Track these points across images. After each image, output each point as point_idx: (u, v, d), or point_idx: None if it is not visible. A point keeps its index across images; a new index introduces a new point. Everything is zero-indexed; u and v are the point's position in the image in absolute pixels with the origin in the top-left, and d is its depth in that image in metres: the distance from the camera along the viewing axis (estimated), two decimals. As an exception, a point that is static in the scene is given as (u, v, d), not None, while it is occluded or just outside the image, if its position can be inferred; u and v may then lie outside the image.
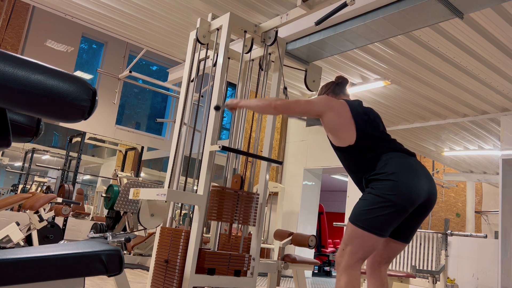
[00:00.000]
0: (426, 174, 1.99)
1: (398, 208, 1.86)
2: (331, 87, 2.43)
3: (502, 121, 5.12)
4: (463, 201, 9.07)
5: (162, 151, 9.61)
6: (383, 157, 2.00)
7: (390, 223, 1.88)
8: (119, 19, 4.22)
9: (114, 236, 2.35)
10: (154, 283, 2.77)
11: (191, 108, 3.20)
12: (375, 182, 1.95)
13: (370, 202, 1.92)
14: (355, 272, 1.90)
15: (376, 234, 1.88)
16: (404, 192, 1.87)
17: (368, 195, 1.95)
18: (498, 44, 3.70)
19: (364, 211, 1.91)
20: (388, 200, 1.86)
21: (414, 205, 1.91)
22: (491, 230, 8.98)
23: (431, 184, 1.98)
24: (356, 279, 1.89)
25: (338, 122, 2.11)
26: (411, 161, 2.00)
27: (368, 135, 2.08)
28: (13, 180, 8.22)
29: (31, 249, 1.30)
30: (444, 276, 4.43)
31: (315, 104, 2.15)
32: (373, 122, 2.16)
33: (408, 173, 1.91)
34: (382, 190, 1.90)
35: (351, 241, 1.93)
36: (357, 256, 1.91)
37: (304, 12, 3.10)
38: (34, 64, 0.84)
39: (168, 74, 6.45)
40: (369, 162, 2.02)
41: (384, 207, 1.87)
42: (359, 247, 1.91)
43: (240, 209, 2.72)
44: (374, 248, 1.93)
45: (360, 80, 4.91)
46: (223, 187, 2.68)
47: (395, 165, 1.94)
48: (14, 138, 1.13)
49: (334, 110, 2.12)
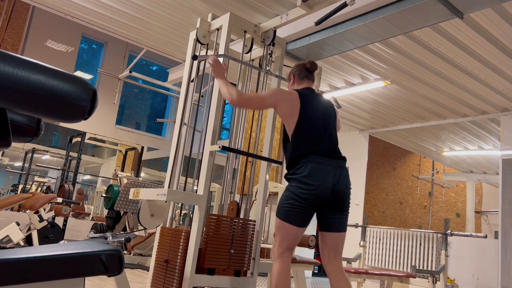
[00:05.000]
0: (334, 173, 2.24)
1: (308, 203, 2.20)
2: (299, 69, 2.56)
3: (502, 121, 5.12)
4: (463, 201, 9.07)
5: (162, 151, 9.61)
6: (302, 160, 2.26)
7: (303, 215, 2.21)
8: (119, 19, 4.22)
9: (114, 236, 2.35)
10: (154, 283, 2.77)
11: (191, 108, 3.20)
12: (291, 181, 2.27)
13: (286, 197, 2.25)
14: (285, 259, 2.23)
15: (293, 225, 2.22)
16: (312, 190, 2.19)
17: (286, 191, 2.28)
18: (498, 44, 3.70)
19: (282, 205, 2.26)
20: (300, 197, 2.20)
21: (322, 200, 2.22)
22: (491, 230, 8.98)
23: (337, 181, 2.24)
24: (286, 265, 2.22)
25: (288, 113, 2.34)
26: (324, 164, 2.25)
27: (302, 132, 2.32)
28: (13, 180, 8.22)
29: (31, 249, 1.30)
30: (444, 276, 4.43)
31: (266, 99, 2.36)
32: (317, 118, 2.36)
33: (317, 175, 2.21)
34: (295, 188, 2.22)
35: (278, 231, 2.27)
36: (285, 245, 2.24)
37: (304, 12, 3.10)
38: (34, 64, 0.84)
39: (168, 74, 6.46)
40: (292, 161, 2.31)
41: (297, 202, 2.20)
42: (284, 237, 2.25)
43: (237, 238, 2.72)
44: (296, 236, 2.25)
45: (360, 80, 4.91)
46: (219, 215, 2.67)
47: (308, 168, 2.22)
48: (14, 138, 1.13)
49: (285, 102, 2.35)
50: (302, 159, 2.27)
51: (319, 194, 2.20)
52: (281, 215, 2.26)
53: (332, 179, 2.23)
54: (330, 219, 2.30)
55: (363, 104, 5.63)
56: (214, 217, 2.65)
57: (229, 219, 2.71)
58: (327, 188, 2.21)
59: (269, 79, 3.27)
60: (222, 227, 2.67)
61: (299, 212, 2.21)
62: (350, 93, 5.18)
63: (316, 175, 2.21)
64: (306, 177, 2.21)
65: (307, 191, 2.19)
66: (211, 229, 2.63)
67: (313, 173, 2.21)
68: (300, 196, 2.20)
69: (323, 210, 2.31)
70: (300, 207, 2.21)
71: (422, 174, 9.31)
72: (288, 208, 2.23)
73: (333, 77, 4.91)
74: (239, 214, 2.83)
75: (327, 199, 2.23)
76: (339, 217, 2.31)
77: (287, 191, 2.27)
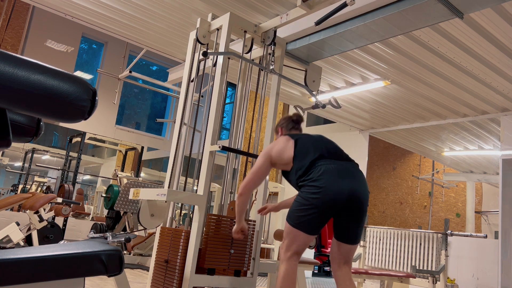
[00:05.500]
0: (349, 176, 2.19)
1: (319, 209, 2.12)
2: (286, 122, 2.67)
3: (502, 121, 5.12)
4: (463, 201, 9.07)
5: (162, 151, 9.61)
6: (312, 166, 2.24)
7: (313, 222, 2.15)
8: (119, 19, 4.22)
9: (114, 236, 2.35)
10: (154, 283, 2.77)
11: (191, 108, 3.20)
12: (302, 188, 2.23)
13: (298, 204, 2.20)
14: (292, 263, 2.20)
15: (303, 231, 2.17)
16: (321, 194, 2.12)
17: (297, 197, 2.24)
18: (498, 44, 3.70)
19: (293, 211, 2.20)
20: (311, 203, 2.13)
21: (336, 206, 2.13)
22: (491, 230, 8.97)
23: (354, 185, 2.16)
24: (292, 268, 2.19)
25: (283, 148, 2.39)
26: (335, 166, 2.21)
27: (302, 152, 2.33)
28: (13, 180, 8.22)
29: (31, 249, 1.30)
30: (444, 276, 4.43)
31: (260, 165, 2.42)
32: (313, 140, 2.40)
33: (327, 177, 2.15)
34: (305, 194, 2.17)
35: (286, 236, 2.23)
36: (292, 249, 2.20)
37: (304, 12, 3.10)
38: (34, 64, 0.84)
39: (168, 74, 6.45)
40: (303, 172, 2.27)
41: (308, 209, 2.14)
42: (292, 241, 2.20)
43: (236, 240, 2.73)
44: (305, 243, 2.20)
45: (360, 80, 4.91)
46: (219, 215, 2.67)
47: (319, 172, 2.18)
48: (14, 138, 1.13)
49: (276, 145, 2.42)
50: (313, 166, 2.23)
51: (330, 197, 2.11)
52: (291, 220, 2.21)
53: (348, 183, 2.15)
54: (346, 229, 2.23)
55: (363, 104, 5.63)
56: (214, 217, 2.65)
57: (229, 219, 2.71)
58: (340, 192, 2.12)
59: (269, 79, 3.27)
60: (222, 227, 2.67)
61: (309, 219, 2.14)
62: (350, 93, 5.18)
63: (325, 177, 2.14)
64: (315, 180, 2.16)
65: (316, 195, 2.12)
66: (211, 229, 2.63)
67: (323, 175, 2.15)
68: (309, 201, 2.13)
69: (339, 218, 2.23)
70: (310, 213, 2.13)
71: (422, 174, 9.31)
72: (298, 214, 2.17)
73: (333, 77, 4.91)
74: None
75: (342, 203, 2.14)
76: (355, 227, 2.23)
77: (298, 197, 2.22)
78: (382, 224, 9.24)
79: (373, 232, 5.44)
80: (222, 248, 2.65)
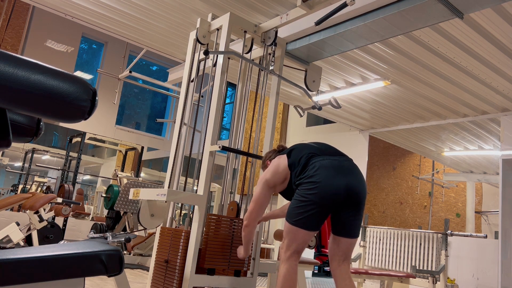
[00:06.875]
0: (344, 171, 2.21)
1: (317, 205, 2.15)
2: (272, 154, 2.67)
3: (502, 121, 5.12)
4: (463, 201, 9.07)
5: (162, 151, 9.61)
6: (308, 164, 2.27)
7: (313, 218, 2.17)
8: (119, 19, 4.22)
9: (114, 236, 2.35)
10: (154, 283, 2.77)
11: (191, 108, 3.20)
12: (300, 185, 2.24)
13: (296, 201, 2.22)
14: (292, 263, 2.22)
15: (302, 229, 2.18)
16: (317, 189, 2.14)
17: (296, 195, 2.25)
18: (498, 44, 3.70)
19: (292, 209, 2.22)
20: (309, 199, 2.16)
21: (335, 201, 2.16)
22: (491, 230, 8.97)
23: (350, 179, 2.19)
24: (292, 268, 2.20)
25: (280, 164, 2.38)
26: (329, 162, 2.24)
27: (299, 153, 2.35)
28: (13, 180, 8.22)
29: (31, 249, 1.30)
30: (444, 276, 4.43)
31: (258, 193, 2.42)
32: (306, 145, 2.41)
33: (322, 172, 2.18)
34: (302, 191, 2.20)
35: (286, 235, 2.24)
36: (292, 248, 2.21)
37: (304, 12, 3.10)
38: (34, 64, 0.84)
39: (168, 74, 6.45)
40: (300, 170, 2.29)
41: (306, 205, 2.16)
42: (293, 240, 2.21)
43: (237, 238, 2.72)
44: (305, 241, 2.22)
45: (360, 80, 4.91)
46: (219, 215, 2.67)
47: (315, 168, 2.21)
48: (14, 138, 1.13)
49: (268, 174, 2.40)
50: (308, 164, 2.25)
51: (327, 192, 2.13)
52: (290, 218, 2.22)
53: (344, 178, 2.17)
54: (345, 222, 2.25)
55: (363, 104, 5.63)
56: (214, 217, 2.65)
57: (229, 219, 2.71)
58: (337, 187, 2.15)
59: (269, 79, 3.27)
60: (222, 227, 2.67)
61: (308, 215, 2.15)
62: (350, 93, 5.18)
63: (320, 172, 2.17)
64: (311, 176, 2.18)
65: (313, 190, 2.14)
66: (211, 229, 2.63)
67: (318, 171, 2.17)
68: (307, 198, 2.15)
69: (337, 212, 2.25)
70: (309, 209, 2.15)
71: (422, 174, 9.31)
72: (297, 212, 2.18)
73: (333, 77, 4.91)
74: (239, 214, 2.83)
75: (340, 199, 2.16)
76: (354, 220, 2.25)
77: (296, 195, 2.24)
78: (382, 224, 9.24)
79: (373, 232, 5.44)
80: (222, 248, 2.66)
